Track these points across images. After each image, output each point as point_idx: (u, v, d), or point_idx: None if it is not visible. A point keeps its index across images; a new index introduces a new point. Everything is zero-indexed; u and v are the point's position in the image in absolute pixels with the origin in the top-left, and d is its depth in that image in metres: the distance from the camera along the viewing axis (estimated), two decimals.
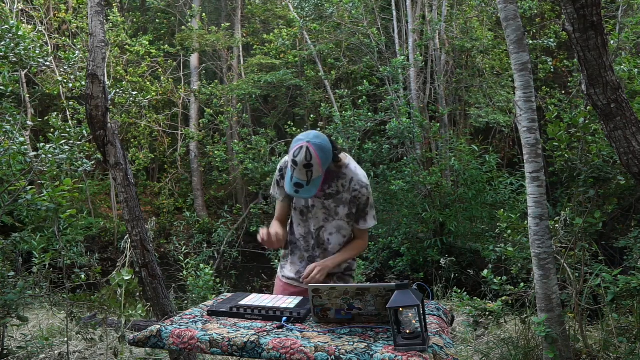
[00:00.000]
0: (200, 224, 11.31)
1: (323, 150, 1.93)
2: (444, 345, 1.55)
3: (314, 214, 2.17)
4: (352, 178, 2.12)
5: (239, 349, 1.56)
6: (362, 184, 2.12)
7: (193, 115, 12.35)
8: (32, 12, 9.93)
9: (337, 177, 2.12)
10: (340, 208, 2.14)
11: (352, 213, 2.15)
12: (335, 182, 2.13)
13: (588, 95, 2.32)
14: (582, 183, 3.04)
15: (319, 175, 1.95)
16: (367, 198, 2.14)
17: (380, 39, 9.62)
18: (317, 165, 1.91)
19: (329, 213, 2.16)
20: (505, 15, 2.79)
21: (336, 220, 2.16)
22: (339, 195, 2.13)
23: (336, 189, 2.13)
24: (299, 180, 1.94)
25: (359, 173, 2.14)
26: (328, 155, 1.96)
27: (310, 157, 1.89)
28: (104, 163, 3.12)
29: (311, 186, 1.95)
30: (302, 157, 1.89)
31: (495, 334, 3.96)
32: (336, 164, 2.08)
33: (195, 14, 11.66)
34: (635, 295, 2.92)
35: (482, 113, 9.07)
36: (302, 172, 1.92)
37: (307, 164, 1.90)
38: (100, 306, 3.27)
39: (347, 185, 2.12)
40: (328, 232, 2.17)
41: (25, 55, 3.82)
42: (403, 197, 7.87)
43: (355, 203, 2.14)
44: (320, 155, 1.91)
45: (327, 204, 2.15)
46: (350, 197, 2.13)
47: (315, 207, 2.16)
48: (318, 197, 2.14)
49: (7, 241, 3.42)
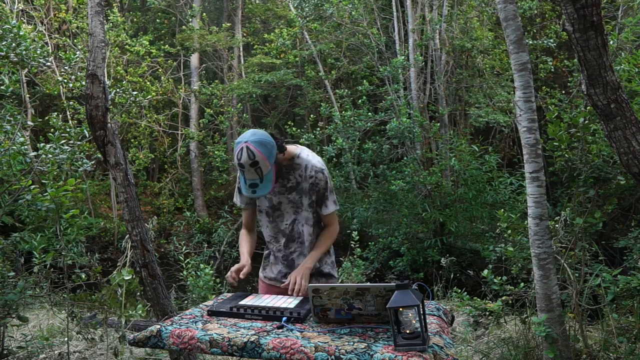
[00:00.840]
0: (200, 224, 11.31)
1: (263, 144, 1.95)
2: (444, 345, 1.55)
3: (284, 210, 2.19)
4: (307, 165, 2.14)
5: (239, 349, 1.56)
6: (317, 168, 2.14)
7: (193, 115, 12.35)
8: (33, 12, 9.93)
9: (292, 169, 2.15)
10: (303, 198, 2.16)
11: (313, 201, 2.17)
12: (292, 173, 2.15)
13: (588, 95, 2.32)
14: (582, 183, 3.04)
15: (269, 170, 1.97)
16: (325, 182, 2.15)
17: (380, 39, 9.62)
18: (263, 160, 1.94)
19: (296, 205, 2.18)
20: (505, 15, 2.79)
21: (303, 211, 2.18)
22: (299, 186, 2.16)
23: (295, 181, 2.16)
24: (252, 181, 1.97)
25: (311, 159, 2.16)
26: (271, 148, 1.97)
27: (253, 155, 1.92)
28: (104, 163, 3.12)
29: (265, 182, 1.97)
30: (245, 157, 1.92)
31: (495, 334, 3.96)
32: (286, 156, 2.11)
33: (195, 14, 11.66)
34: (635, 295, 2.92)
35: (482, 113, 9.07)
36: (250, 172, 1.94)
37: (252, 162, 1.92)
38: (101, 306, 3.27)
39: (303, 174, 2.15)
40: (301, 224, 2.20)
41: (26, 55, 3.82)
42: (403, 197, 7.87)
43: (314, 190, 2.16)
44: (262, 150, 1.93)
45: (292, 197, 2.17)
46: (309, 185, 2.15)
47: (282, 203, 2.19)
48: (281, 193, 2.17)
49: (7, 241, 3.42)
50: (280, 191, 2.17)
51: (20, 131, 3.63)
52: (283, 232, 2.22)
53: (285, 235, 2.22)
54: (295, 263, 2.23)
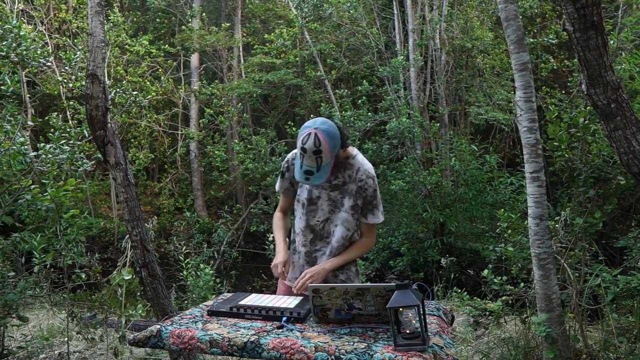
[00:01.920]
0: (200, 224, 11.30)
1: (331, 136, 1.94)
2: (444, 345, 1.55)
3: (319, 206, 2.15)
4: (359, 168, 2.12)
5: (239, 349, 1.56)
6: (368, 174, 2.12)
7: (193, 115, 12.35)
8: (33, 12, 9.93)
9: (343, 167, 2.12)
10: (345, 199, 2.12)
11: (357, 205, 2.13)
12: (342, 172, 2.12)
13: (588, 95, 2.32)
14: (582, 183, 3.04)
15: (329, 162, 1.96)
16: (373, 190, 2.13)
17: (379, 39, 9.62)
18: (326, 151, 1.93)
19: (335, 204, 2.14)
20: (506, 15, 2.79)
21: (341, 212, 2.13)
22: (345, 186, 2.12)
23: (342, 180, 2.13)
24: (309, 167, 1.95)
25: (365, 164, 2.14)
26: (336, 141, 1.97)
27: (319, 143, 1.91)
28: (104, 163, 3.12)
29: (321, 172, 1.96)
30: (311, 144, 1.91)
31: (495, 334, 3.96)
32: (344, 153, 2.09)
33: (195, 14, 11.66)
34: (635, 295, 2.92)
35: (482, 111, 9.07)
36: (311, 159, 1.93)
37: (316, 150, 1.91)
38: (101, 306, 3.27)
39: (353, 175, 2.12)
40: (334, 224, 2.15)
41: (27, 56, 3.82)
42: (403, 197, 7.88)
43: (361, 194, 2.12)
44: (328, 141, 1.93)
45: (333, 195, 2.14)
46: (356, 188, 2.12)
47: (321, 198, 2.15)
48: (324, 189, 2.14)
49: (7, 241, 3.42)
50: (323, 186, 2.13)
51: (20, 131, 3.63)
52: (312, 228, 2.17)
53: (314, 232, 2.17)
54: (317, 262, 2.18)
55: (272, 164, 9.50)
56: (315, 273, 2.07)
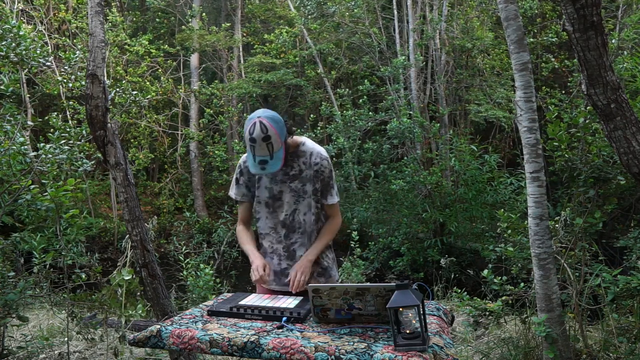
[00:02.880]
0: (200, 224, 11.30)
1: (276, 121, 1.97)
2: (444, 345, 1.55)
3: (284, 199, 2.17)
4: (311, 152, 2.16)
5: (239, 349, 1.56)
6: (322, 156, 2.16)
7: (193, 115, 12.35)
8: (32, 12, 9.93)
9: (297, 156, 2.16)
10: (307, 186, 2.16)
11: (317, 189, 2.16)
12: (296, 161, 2.15)
13: (588, 95, 2.32)
14: (582, 183, 3.04)
15: (280, 147, 1.98)
16: (329, 170, 2.17)
17: (381, 39, 9.62)
18: (275, 136, 1.95)
19: (298, 194, 2.16)
20: (506, 15, 2.79)
21: (306, 199, 2.16)
22: (302, 173, 2.15)
23: (299, 168, 2.16)
24: (262, 157, 1.97)
25: (316, 147, 2.18)
26: (282, 126, 1.99)
27: (266, 129, 1.93)
28: (104, 163, 3.12)
29: (275, 160, 1.97)
30: (259, 131, 1.93)
31: (495, 334, 3.96)
32: (293, 142, 2.13)
33: (195, 14, 11.65)
34: (635, 295, 2.92)
35: (482, 109, 9.08)
36: (262, 147, 1.95)
37: (265, 137, 1.93)
38: (101, 306, 3.27)
39: (307, 161, 2.15)
40: (302, 213, 2.17)
41: (26, 55, 3.82)
42: (403, 197, 7.87)
43: (318, 177, 2.16)
44: (275, 126, 1.95)
45: (294, 185, 2.16)
46: (313, 172, 2.15)
47: (284, 192, 2.17)
48: (284, 182, 2.16)
49: (7, 241, 3.42)
50: (282, 179, 2.16)
51: (20, 131, 3.63)
52: (283, 223, 2.19)
53: (285, 226, 2.19)
54: (296, 254, 2.19)
55: None
56: (304, 268, 2.09)
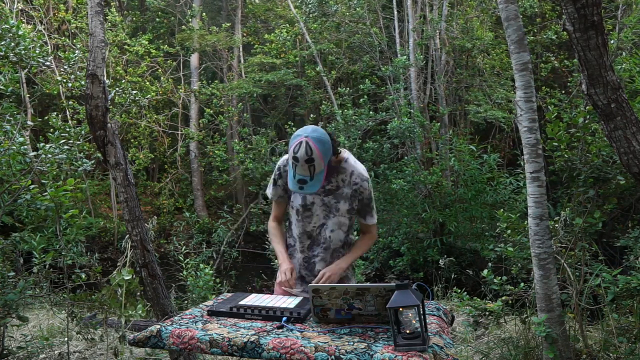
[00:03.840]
0: (200, 224, 11.30)
1: (323, 143, 1.93)
2: (444, 345, 1.55)
3: (314, 211, 2.15)
4: (352, 172, 2.12)
5: (239, 349, 1.56)
6: (362, 177, 2.12)
7: (193, 115, 12.35)
8: (32, 12, 9.92)
9: (336, 172, 2.12)
10: (340, 204, 2.13)
11: (353, 208, 2.14)
12: (335, 177, 2.12)
13: (588, 95, 2.32)
14: (582, 183, 3.04)
15: (322, 169, 1.94)
16: (369, 192, 2.14)
17: (382, 38, 9.62)
18: (319, 159, 1.91)
19: (329, 210, 2.14)
20: (506, 15, 2.79)
21: (337, 217, 2.14)
22: (338, 190, 2.12)
23: (336, 184, 2.12)
24: (302, 177, 1.93)
25: (358, 167, 2.14)
26: (328, 148, 1.95)
27: (311, 151, 1.89)
28: (104, 163, 3.11)
29: (315, 181, 1.94)
30: (303, 152, 1.89)
31: (495, 334, 3.96)
32: (336, 158, 2.08)
33: (195, 14, 11.65)
34: (635, 295, 2.92)
35: (481, 109, 9.07)
36: (304, 168, 1.91)
37: (308, 159, 1.89)
38: (101, 306, 3.26)
39: (347, 179, 2.12)
40: (329, 230, 2.15)
41: (26, 55, 3.82)
42: (403, 197, 7.87)
43: (356, 197, 2.13)
44: (320, 149, 1.91)
45: (327, 200, 2.13)
46: (351, 192, 2.12)
47: (315, 204, 2.14)
48: (318, 194, 2.13)
49: (7, 241, 3.42)
50: (317, 191, 2.11)
51: (19, 131, 3.63)
52: (309, 234, 2.18)
53: (311, 238, 2.18)
54: (315, 268, 2.18)
55: (272, 164, 9.50)
56: (332, 273, 2.08)
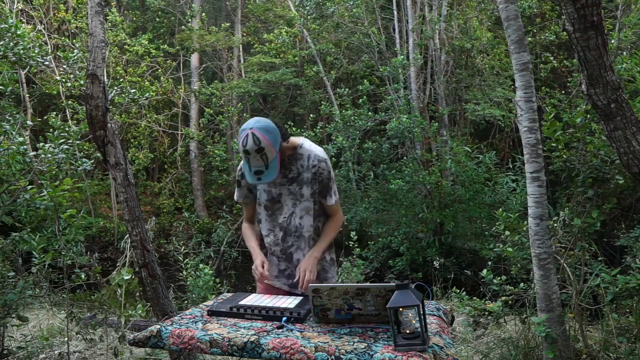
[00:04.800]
0: (200, 224, 11.30)
1: (268, 130, 1.97)
2: (444, 345, 1.55)
3: (283, 202, 2.18)
4: (309, 155, 2.16)
5: (239, 349, 1.56)
6: (319, 158, 2.16)
7: (193, 115, 12.35)
8: (32, 12, 9.92)
9: (294, 159, 2.16)
10: (304, 189, 2.16)
11: (315, 191, 2.17)
12: (294, 164, 2.16)
13: (588, 95, 2.32)
14: (581, 183, 3.04)
15: (274, 156, 1.98)
16: (328, 172, 2.17)
17: (380, 38, 9.62)
18: (269, 147, 1.95)
19: (296, 197, 2.17)
20: (506, 15, 2.79)
21: (302, 202, 2.17)
22: (300, 176, 2.16)
23: (297, 171, 2.16)
24: (257, 168, 1.98)
25: (314, 149, 2.18)
26: (275, 135, 1.99)
27: (259, 141, 1.94)
28: (104, 163, 3.11)
29: (270, 169, 1.99)
30: (252, 143, 1.93)
31: (495, 334, 3.96)
32: (289, 145, 2.12)
33: (195, 14, 11.64)
34: (634, 295, 2.92)
35: (479, 108, 9.07)
36: (256, 158, 1.96)
37: (258, 149, 1.94)
38: (100, 306, 3.27)
39: (305, 163, 2.15)
40: (299, 217, 2.18)
41: (25, 55, 3.81)
42: (403, 197, 7.87)
43: (317, 179, 2.16)
44: (267, 136, 1.96)
45: (292, 188, 2.17)
46: (312, 175, 2.15)
47: (282, 194, 2.18)
48: (282, 185, 2.17)
49: (6, 241, 3.42)
50: (281, 182, 2.17)
51: (19, 131, 3.62)
52: (280, 226, 2.20)
53: (283, 229, 2.20)
54: (293, 257, 2.21)
55: None
56: (310, 266, 2.11)
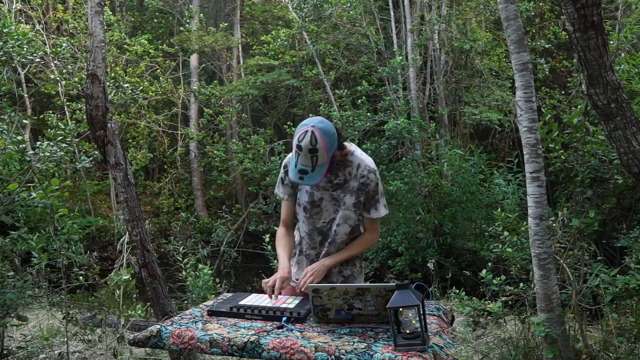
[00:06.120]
0: (199, 224, 11.29)
1: (328, 134, 1.88)
2: (444, 345, 1.55)
3: (324, 207, 2.10)
4: (359, 164, 2.07)
5: (239, 349, 1.56)
6: (370, 169, 2.07)
7: (193, 115, 12.35)
8: (30, 12, 9.91)
9: (343, 165, 2.08)
10: (347, 197, 2.08)
11: (360, 201, 2.09)
12: (342, 170, 2.08)
13: (588, 95, 2.32)
14: (580, 183, 3.04)
15: (324, 162, 1.89)
16: (375, 184, 2.08)
17: (379, 39, 9.62)
18: (323, 150, 1.86)
19: (338, 204, 2.09)
20: (506, 15, 2.79)
21: (343, 211, 2.09)
22: (346, 184, 2.08)
23: (344, 178, 2.08)
24: (303, 167, 1.88)
25: (365, 159, 2.09)
26: (333, 140, 1.91)
27: (316, 141, 1.85)
28: (104, 163, 3.11)
29: (316, 173, 1.89)
30: (307, 142, 1.85)
31: (495, 334, 3.96)
32: (341, 152, 2.04)
33: (193, 15, 11.64)
34: (634, 295, 2.92)
35: (476, 111, 9.07)
36: (306, 158, 1.87)
37: (312, 149, 1.85)
38: (100, 306, 3.26)
39: (354, 172, 2.07)
40: (336, 224, 2.10)
41: (15, 53, 3.78)
42: (402, 197, 7.87)
43: (363, 190, 2.08)
44: (325, 140, 1.87)
45: (336, 194, 2.09)
46: (359, 185, 2.07)
47: (324, 199, 2.10)
48: (326, 189, 2.08)
49: (6, 240, 3.41)
50: (324, 187, 2.07)
51: (17, 130, 3.61)
52: (320, 230, 2.12)
53: (322, 234, 2.13)
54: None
55: (271, 164, 9.50)
56: (315, 270, 2.03)
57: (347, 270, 2.18)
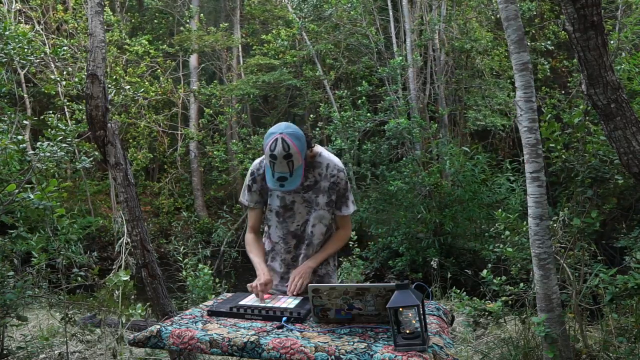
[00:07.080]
0: (200, 224, 11.29)
1: (298, 138, 1.94)
2: (444, 345, 1.54)
3: (296, 210, 2.15)
4: (328, 164, 2.13)
5: (239, 349, 1.56)
6: (339, 168, 2.14)
7: (193, 115, 12.35)
8: (30, 12, 9.91)
9: (312, 167, 2.13)
10: (320, 197, 2.13)
11: (332, 200, 2.15)
12: (312, 172, 2.13)
13: (588, 95, 2.32)
14: (580, 183, 3.04)
15: (300, 164, 1.95)
16: (345, 182, 2.15)
17: (379, 39, 9.62)
18: (297, 154, 1.92)
19: (310, 205, 2.15)
20: (506, 15, 2.79)
21: (317, 211, 2.14)
22: (317, 184, 2.13)
23: (314, 179, 2.13)
24: (281, 174, 1.93)
25: (333, 159, 2.15)
26: (303, 142, 1.97)
27: (288, 147, 1.90)
28: (104, 163, 3.11)
29: (295, 177, 1.95)
30: (280, 149, 1.89)
31: (495, 334, 3.96)
32: (310, 153, 2.09)
33: (193, 15, 11.64)
34: (634, 295, 2.92)
35: (480, 116, 9.07)
36: (282, 164, 1.92)
37: (286, 155, 1.90)
38: (99, 306, 3.26)
39: (324, 172, 2.13)
40: (311, 225, 2.15)
41: (16, 54, 3.79)
42: (402, 197, 7.87)
43: (334, 189, 2.14)
44: (296, 143, 1.92)
45: (307, 196, 2.14)
46: (329, 184, 2.13)
47: (296, 202, 2.15)
48: (297, 192, 2.14)
49: (5, 239, 3.41)
50: (296, 190, 2.10)
51: (17, 130, 3.61)
52: (294, 234, 2.17)
53: (296, 237, 2.17)
54: (299, 263, 2.18)
55: None
56: (303, 273, 2.08)
57: (322, 270, 2.22)
